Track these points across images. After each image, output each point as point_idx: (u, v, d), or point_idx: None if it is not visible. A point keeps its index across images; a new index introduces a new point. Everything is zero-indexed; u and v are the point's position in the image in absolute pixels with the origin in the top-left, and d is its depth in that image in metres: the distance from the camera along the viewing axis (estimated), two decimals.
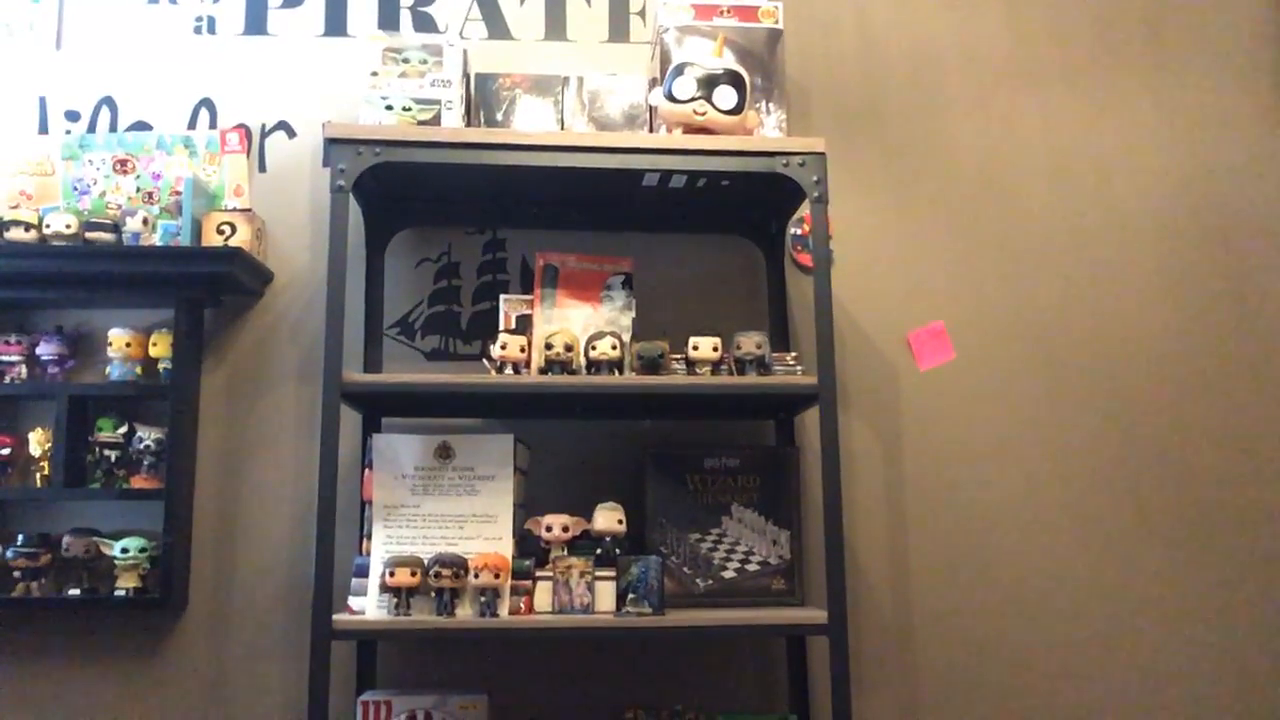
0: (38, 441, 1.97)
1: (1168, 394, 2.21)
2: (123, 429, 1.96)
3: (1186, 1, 2.37)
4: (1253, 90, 2.35)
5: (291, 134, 2.16)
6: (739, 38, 2.02)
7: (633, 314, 1.96)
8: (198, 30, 2.19)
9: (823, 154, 1.81)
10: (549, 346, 1.79)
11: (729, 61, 1.90)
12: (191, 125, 2.14)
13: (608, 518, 1.81)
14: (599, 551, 1.77)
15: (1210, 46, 2.36)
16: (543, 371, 1.79)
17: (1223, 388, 2.22)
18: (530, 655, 2.00)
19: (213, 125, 2.14)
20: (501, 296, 2.00)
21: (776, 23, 2.04)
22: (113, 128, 2.13)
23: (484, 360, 1.89)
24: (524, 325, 1.94)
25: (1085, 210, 2.27)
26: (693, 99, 1.83)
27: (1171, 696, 2.10)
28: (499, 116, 2.02)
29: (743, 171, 1.82)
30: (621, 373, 1.79)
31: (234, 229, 1.97)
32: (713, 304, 2.14)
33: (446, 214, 2.12)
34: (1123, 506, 2.16)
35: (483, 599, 1.67)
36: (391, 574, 1.66)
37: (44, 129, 2.13)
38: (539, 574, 1.74)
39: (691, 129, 1.84)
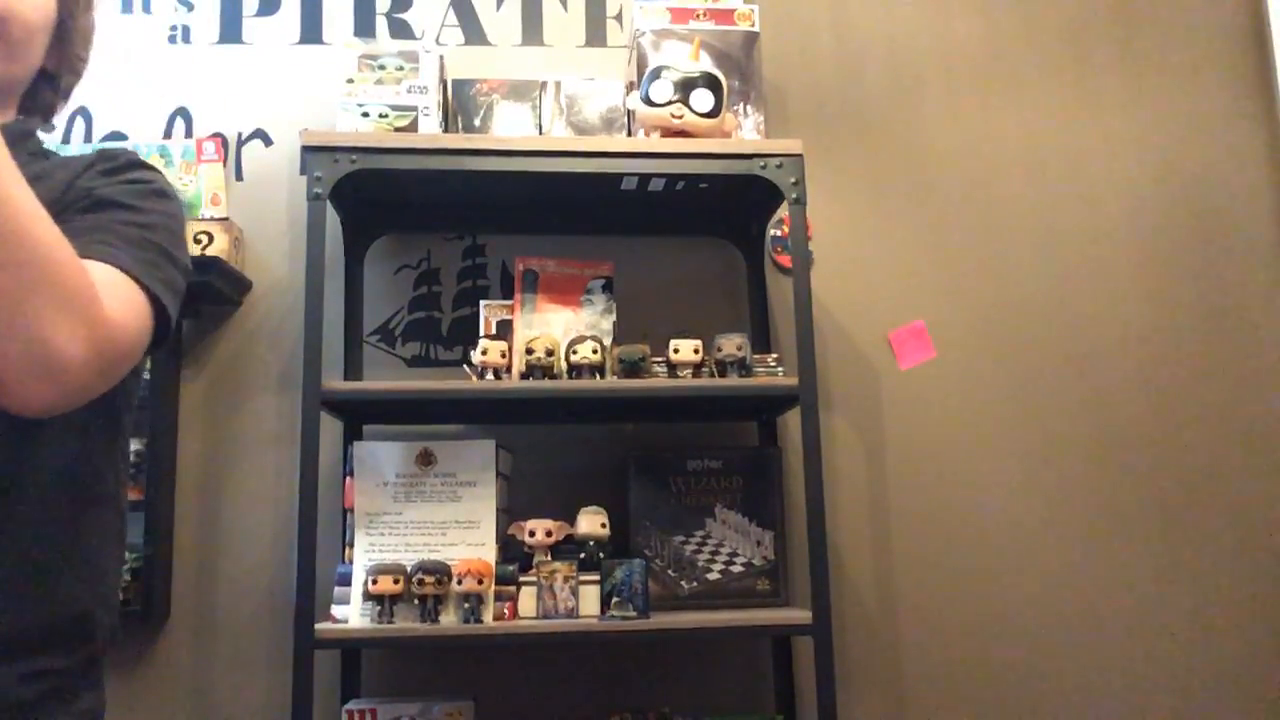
0: None
1: (1147, 390, 2.22)
2: None
3: None
4: (1228, 87, 2.37)
5: (268, 142, 2.15)
6: (716, 41, 2.02)
7: (613, 317, 1.96)
8: (172, 40, 2.18)
9: (800, 155, 1.82)
10: (530, 351, 1.79)
11: (706, 64, 1.90)
12: (167, 135, 2.13)
13: (591, 521, 1.81)
14: (583, 555, 1.77)
15: (1185, 44, 2.38)
16: (524, 376, 1.79)
17: (1202, 383, 2.24)
18: (515, 661, 2.00)
19: (188, 134, 2.13)
20: (482, 302, 2.00)
21: (753, 25, 2.05)
22: (87, 138, 2.12)
23: (465, 366, 1.89)
24: (504, 330, 1.94)
25: (1063, 208, 2.28)
26: (670, 102, 1.83)
27: (1156, 689, 2.11)
28: (476, 122, 2.02)
29: (721, 174, 1.83)
30: (603, 376, 1.79)
31: (211, 238, 1.96)
32: (693, 306, 2.14)
33: (425, 220, 2.12)
34: (1104, 502, 2.17)
35: (466, 605, 1.67)
36: (374, 581, 1.66)
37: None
38: (523, 579, 1.73)
39: (669, 132, 1.84)
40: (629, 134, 2.01)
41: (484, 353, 1.78)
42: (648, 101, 1.85)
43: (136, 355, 0.94)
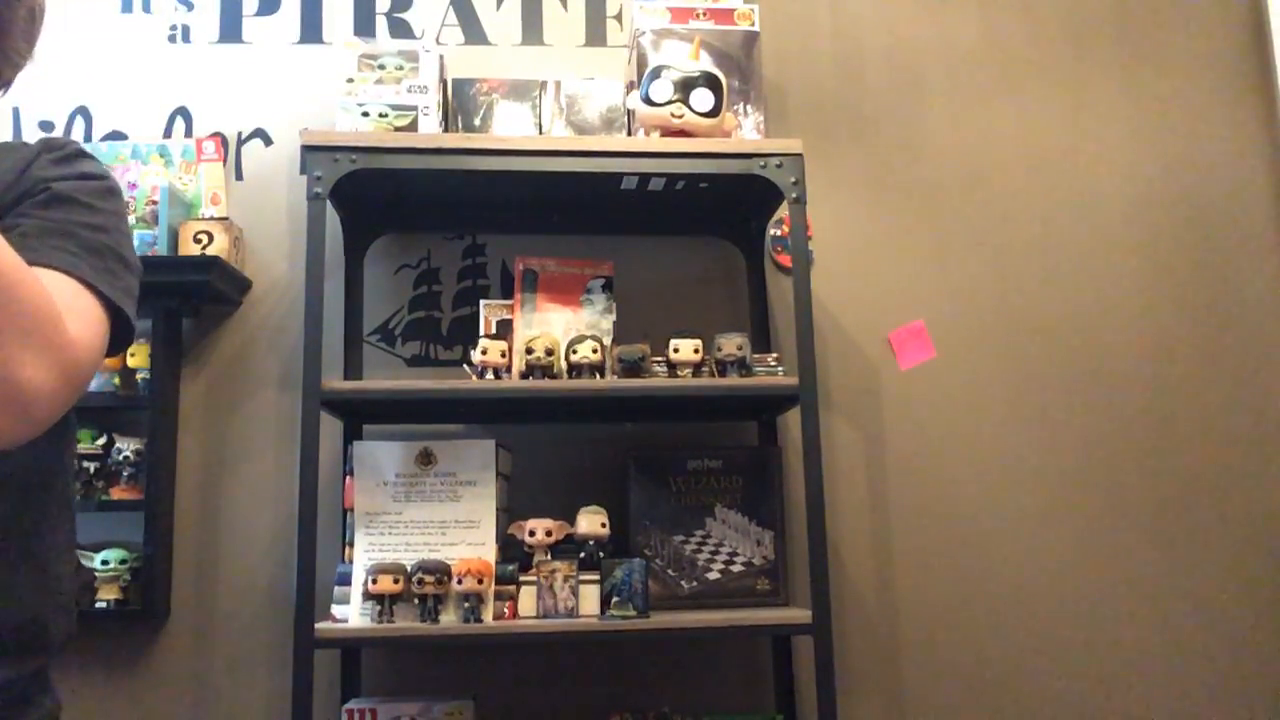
0: None
1: (1148, 388, 2.22)
2: (101, 440, 1.95)
3: None
4: (1227, 84, 2.37)
5: (268, 141, 2.15)
6: (716, 40, 2.02)
7: (613, 317, 1.96)
8: (172, 39, 2.18)
9: (800, 155, 1.81)
10: (530, 351, 1.79)
11: (706, 64, 1.90)
12: (167, 134, 2.13)
13: (591, 521, 1.81)
14: (582, 555, 1.77)
15: (1184, 41, 2.38)
16: (524, 376, 1.79)
17: (1203, 381, 2.24)
18: (515, 660, 2.00)
19: (188, 134, 2.13)
20: (482, 301, 2.00)
21: (753, 25, 2.05)
22: (87, 138, 2.12)
23: (465, 366, 1.89)
24: (504, 330, 1.94)
25: (1063, 206, 2.28)
26: (670, 102, 1.83)
27: (1156, 689, 2.11)
28: (476, 121, 2.02)
29: (720, 174, 1.82)
30: (603, 376, 1.79)
31: (211, 238, 1.96)
32: (693, 306, 2.14)
33: (425, 220, 2.12)
34: (1105, 501, 2.17)
35: (466, 605, 1.67)
36: (374, 581, 1.66)
37: (18, 139, 2.11)
38: (523, 579, 1.73)
39: (669, 132, 1.84)
40: (629, 133, 2.01)
41: (484, 352, 1.78)
42: (648, 101, 1.85)
43: (97, 369, 0.93)
